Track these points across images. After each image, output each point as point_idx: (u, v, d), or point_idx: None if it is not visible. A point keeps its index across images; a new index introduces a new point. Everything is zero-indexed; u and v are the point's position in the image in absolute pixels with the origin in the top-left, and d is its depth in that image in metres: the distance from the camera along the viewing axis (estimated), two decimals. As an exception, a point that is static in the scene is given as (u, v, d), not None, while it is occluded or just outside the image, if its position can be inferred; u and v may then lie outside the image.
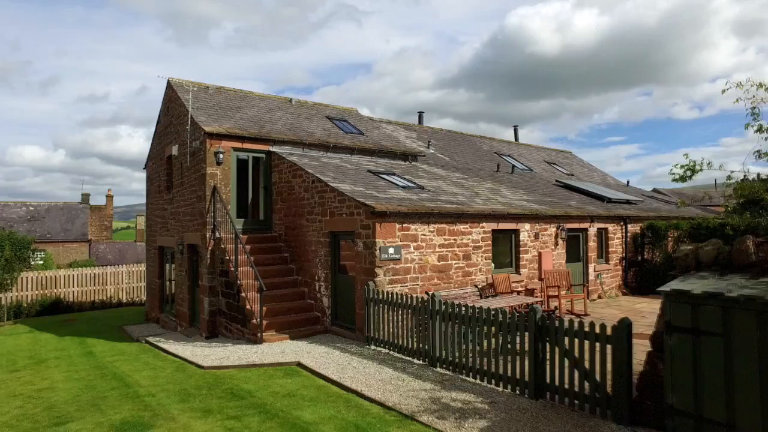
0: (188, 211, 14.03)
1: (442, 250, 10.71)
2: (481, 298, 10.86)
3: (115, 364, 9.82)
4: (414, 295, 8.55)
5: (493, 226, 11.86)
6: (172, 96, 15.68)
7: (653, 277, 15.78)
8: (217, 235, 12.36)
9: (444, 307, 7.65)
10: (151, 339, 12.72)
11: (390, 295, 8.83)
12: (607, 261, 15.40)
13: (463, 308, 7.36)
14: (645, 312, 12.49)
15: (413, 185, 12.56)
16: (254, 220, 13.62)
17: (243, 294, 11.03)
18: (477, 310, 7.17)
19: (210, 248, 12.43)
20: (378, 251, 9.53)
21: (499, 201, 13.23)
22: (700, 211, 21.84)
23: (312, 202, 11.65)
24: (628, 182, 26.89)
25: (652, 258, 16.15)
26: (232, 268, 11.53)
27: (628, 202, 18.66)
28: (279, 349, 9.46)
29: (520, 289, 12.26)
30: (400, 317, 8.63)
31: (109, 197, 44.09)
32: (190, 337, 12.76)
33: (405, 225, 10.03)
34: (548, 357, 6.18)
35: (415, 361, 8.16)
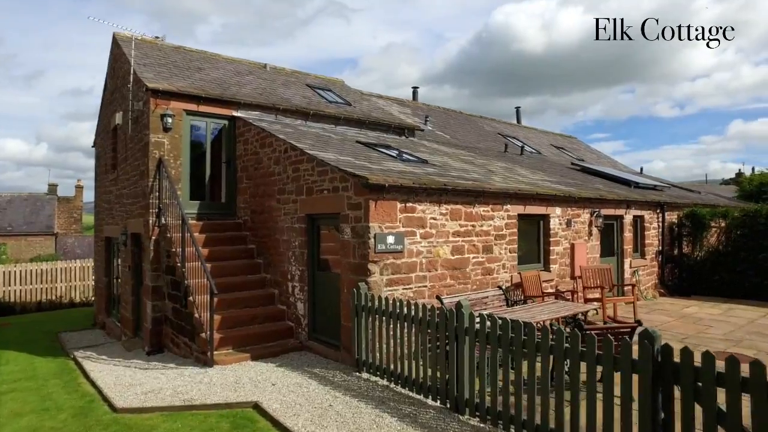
0: (131, 192, 11.20)
1: (457, 239, 8.06)
2: (508, 303, 8.24)
3: (3, 398, 7.02)
4: (422, 302, 5.92)
5: (519, 209, 9.23)
6: (117, 54, 12.78)
7: (694, 276, 13.32)
8: (163, 221, 9.58)
9: (478, 324, 5.00)
10: (80, 354, 9.89)
11: (389, 302, 6.17)
12: (642, 255, 12.89)
13: (503, 324, 4.70)
14: (705, 320, 9.98)
15: (414, 159, 9.89)
16: (213, 203, 10.83)
17: (191, 298, 8.29)
18: (526, 330, 4.51)
19: (154, 238, 9.64)
20: (372, 240, 6.85)
21: (521, 180, 10.62)
22: (728, 201, 19.50)
23: (284, 177, 8.92)
24: (641, 169, 24.50)
25: (692, 252, 13.68)
26: (179, 264, 8.77)
27: (655, 187, 16.18)
28: (233, 377, 6.75)
29: (549, 290, 9.68)
30: (405, 334, 5.97)
31: (79, 188, 40.54)
32: (130, 351, 9.96)
33: (409, 205, 7.35)
34: (672, 415, 3.56)
35: (430, 402, 5.50)
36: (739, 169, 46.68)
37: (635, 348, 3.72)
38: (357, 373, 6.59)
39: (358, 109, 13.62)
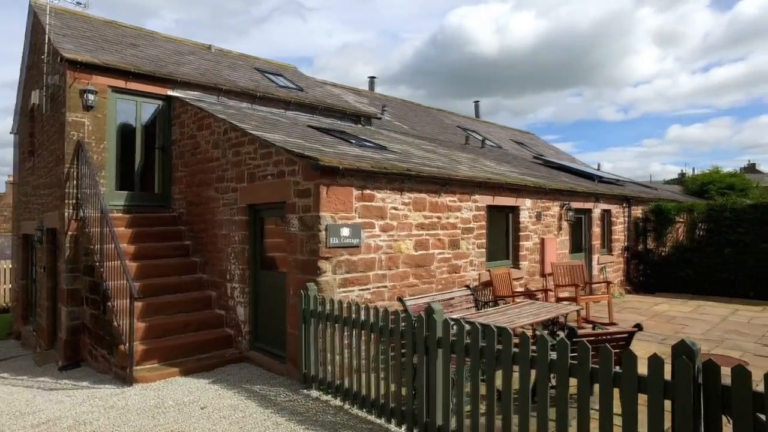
0: (47, 181, 9.75)
1: (421, 233, 7.14)
2: (477, 305, 7.39)
3: None
4: (382, 306, 4.96)
5: (488, 200, 8.41)
6: (35, 24, 11.23)
7: (660, 272, 12.94)
8: (83, 213, 8.24)
9: (454, 334, 4.06)
10: (-21, 370, 8.40)
11: (344, 306, 5.17)
12: (610, 251, 12.39)
13: (488, 333, 3.79)
14: (678, 318, 9.47)
15: (372, 144, 8.93)
16: (145, 193, 9.50)
17: (111, 302, 7.02)
18: (505, 340, 3.61)
19: (71, 233, 8.27)
20: (324, 233, 5.82)
21: (488, 170, 9.83)
22: (687, 197, 19.51)
23: (224, 162, 7.76)
24: (599, 165, 24.45)
25: (657, 248, 13.31)
26: (98, 263, 7.48)
27: (617, 182, 15.84)
28: (155, 399, 5.58)
29: (519, 289, 8.92)
30: (362, 345, 4.98)
31: (12, 185, 37.40)
32: (41, 366, 8.55)
33: (367, 192, 6.37)
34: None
35: (393, 428, 4.53)
36: (682, 170, 50.12)
37: (642, 361, 2.88)
38: (305, 391, 5.55)
39: (311, 95, 12.53)
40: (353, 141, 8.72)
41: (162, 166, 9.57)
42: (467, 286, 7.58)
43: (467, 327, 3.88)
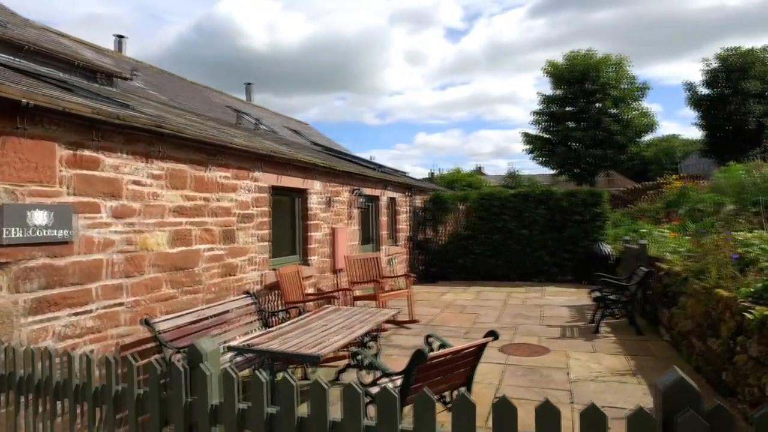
0: None
1: (181, 221, 4.96)
2: (265, 318, 5.52)
3: None
4: (114, 336, 2.79)
5: (273, 179, 6.60)
6: None
7: (440, 261, 12.95)
8: None
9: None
10: None
11: (33, 355, 2.81)
12: (396, 242, 11.80)
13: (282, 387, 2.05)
14: (468, 308, 9.17)
15: (112, 101, 6.26)
16: None
17: None
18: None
19: None
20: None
21: (269, 147, 8.01)
22: (452, 190, 20.78)
23: None
24: (371, 157, 24.74)
25: (435, 236, 13.33)
26: None
27: (395, 172, 15.66)
28: None
29: (310, 289, 7.38)
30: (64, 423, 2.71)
31: None
32: None
33: (87, 154, 3.95)
34: None
35: None
36: (431, 171, 61.70)
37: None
38: None
39: (18, 33, 8.88)
40: (80, 92, 5.94)
41: None
42: (248, 293, 5.67)
43: (263, 378, 2.07)
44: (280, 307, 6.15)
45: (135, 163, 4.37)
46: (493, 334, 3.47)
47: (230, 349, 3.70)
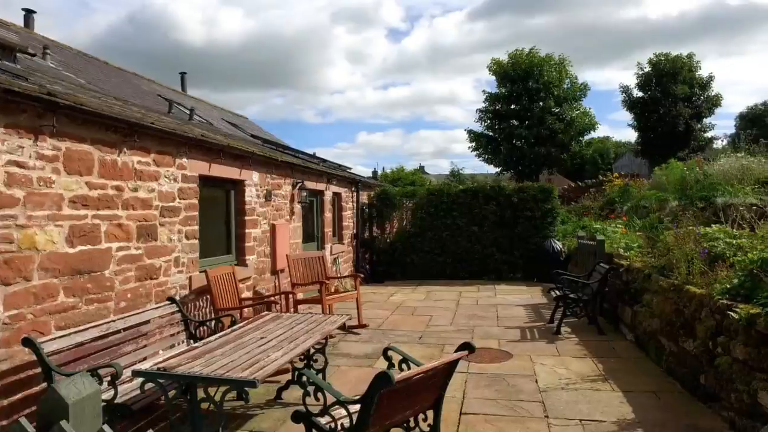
0: None
1: (84, 213, 4.07)
2: (191, 330, 4.70)
3: None
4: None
5: (203, 168, 5.76)
6: None
7: (387, 259, 12.37)
8: None
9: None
10: None
11: None
12: (340, 240, 11.10)
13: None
14: (419, 309, 8.63)
15: (2, 71, 5.21)
16: None
17: None
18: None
19: None
20: None
21: (200, 132, 7.12)
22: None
23: None
24: (314, 153, 23.80)
25: (382, 234, 12.74)
26: None
27: (340, 167, 14.95)
28: None
29: (248, 294, 6.56)
30: None
31: None
32: None
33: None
34: None
35: None
36: (374, 169, 62.25)
37: None
38: None
39: None
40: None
41: None
42: (172, 299, 4.81)
43: None
44: (210, 315, 5.33)
45: (17, 140, 3.46)
46: (468, 347, 2.87)
47: (137, 374, 2.91)
